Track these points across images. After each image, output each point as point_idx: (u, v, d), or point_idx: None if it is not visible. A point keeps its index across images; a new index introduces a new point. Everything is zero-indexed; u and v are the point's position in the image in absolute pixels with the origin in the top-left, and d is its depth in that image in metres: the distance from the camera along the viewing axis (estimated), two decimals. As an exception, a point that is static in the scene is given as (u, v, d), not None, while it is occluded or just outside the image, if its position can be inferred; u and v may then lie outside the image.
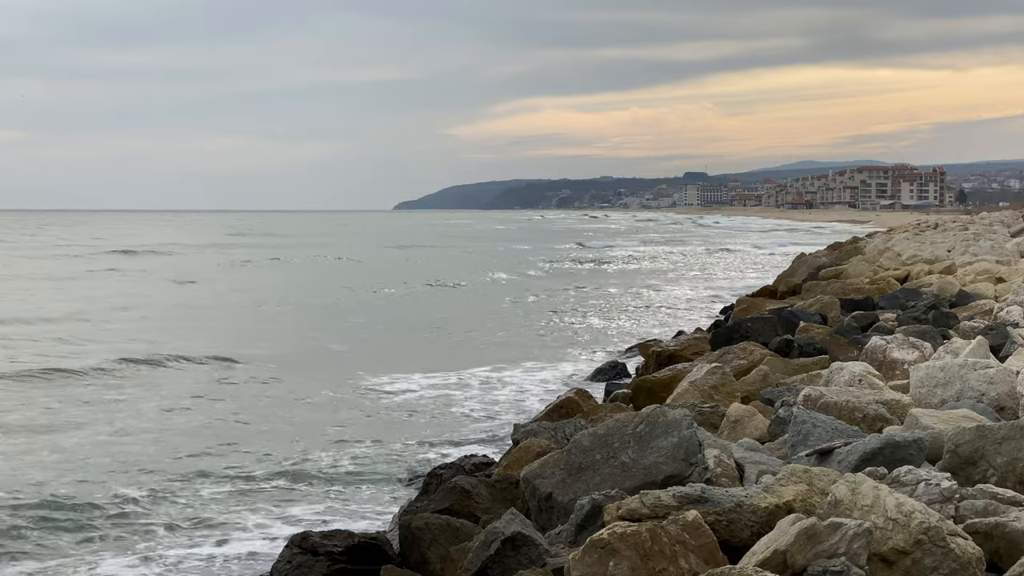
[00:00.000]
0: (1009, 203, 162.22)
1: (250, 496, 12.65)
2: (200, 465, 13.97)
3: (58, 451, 14.69)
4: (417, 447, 15.09)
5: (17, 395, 18.74)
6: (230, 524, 11.53)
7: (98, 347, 24.65)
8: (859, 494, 6.08)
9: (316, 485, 13.15)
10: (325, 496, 12.67)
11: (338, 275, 53.16)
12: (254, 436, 15.76)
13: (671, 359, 16.99)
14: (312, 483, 13.23)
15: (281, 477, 13.45)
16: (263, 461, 14.22)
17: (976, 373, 9.39)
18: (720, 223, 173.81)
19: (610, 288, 44.53)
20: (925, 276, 24.23)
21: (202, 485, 13.07)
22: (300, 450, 14.85)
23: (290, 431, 16.07)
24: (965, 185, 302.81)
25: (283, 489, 12.96)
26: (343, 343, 26.44)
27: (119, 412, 17.43)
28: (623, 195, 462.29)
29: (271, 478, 13.41)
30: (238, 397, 18.92)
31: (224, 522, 11.61)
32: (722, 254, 74.18)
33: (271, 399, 18.77)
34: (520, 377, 21.05)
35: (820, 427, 8.22)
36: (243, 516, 11.83)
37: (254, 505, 12.28)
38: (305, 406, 18.17)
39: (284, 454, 14.61)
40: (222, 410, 17.74)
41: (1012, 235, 39.44)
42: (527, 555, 7.04)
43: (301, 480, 13.35)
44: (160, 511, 11.99)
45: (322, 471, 13.75)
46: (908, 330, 14.30)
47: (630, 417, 8.19)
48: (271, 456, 14.50)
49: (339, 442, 15.32)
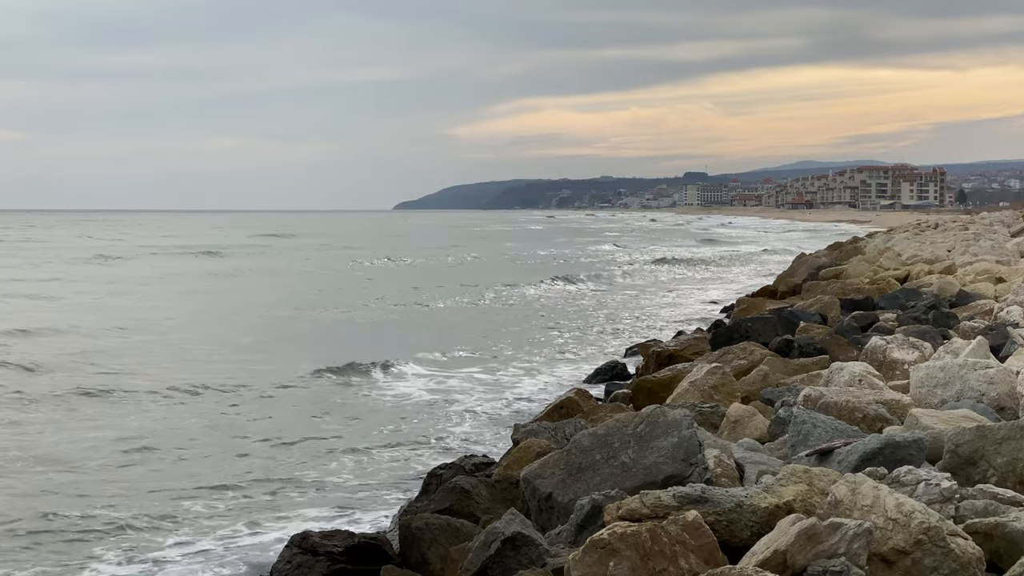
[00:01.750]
0: (1009, 203, 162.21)
1: (250, 496, 12.65)
2: (200, 465, 13.97)
3: (58, 449, 14.70)
4: (417, 447, 15.09)
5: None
6: (230, 524, 11.53)
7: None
8: (859, 494, 6.08)
9: (316, 485, 13.14)
10: (325, 496, 12.66)
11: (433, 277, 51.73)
12: (254, 435, 15.75)
13: (671, 359, 16.99)
14: (312, 483, 13.22)
15: (281, 477, 13.45)
16: (263, 460, 14.22)
17: (976, 373, 9.39)
18: (733, 222, 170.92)
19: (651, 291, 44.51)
20: (925, 276, 24.24)
21: (202, 485, 13.07)
22: (300, 450, 14.85)
23: (290, 431, 16.06)
24: (965, 185, 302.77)
25: (283, 489, 12.95)
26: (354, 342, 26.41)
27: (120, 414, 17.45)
28: (623, 195, 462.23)
29: (271, 478, 13.41)
30: (239, 397, 18.90)
31: (224, 522, 11.60)
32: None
33: (272, 399, 18.75)
34: (520, 377, 21.05)
35: (820, 427, 8.22)
36: (243, 516, 11.83)
37: (254, 505, 12.28)
38: (305, 406, 18.16)
39: (283, 454, 14.62)
40: (222, 410, 17.73)
41: (1012, 235, 39.45)
42: (527, 555, 7.04)
43: (301, 480, 13.34)
44: (160, 510, 11.98)
45: (322, 471, 13.75)
46: (908, 330, 14.31)
47: (630, 417, 8.19)
48: (271, 456, 14.50)
49: (339, 442, 15.32)
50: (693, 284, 47.38)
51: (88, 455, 14.44)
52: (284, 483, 13.20)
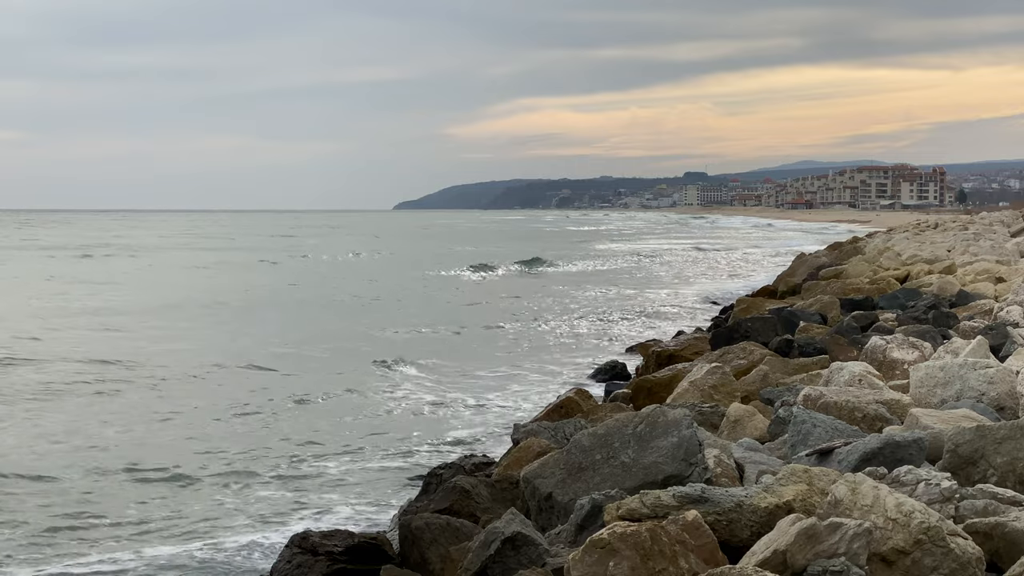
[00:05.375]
0: (1009, 203, 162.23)
1: (250, 495, 12.65)
2: (200, 464, 13.97)
3: (59, 448, 14.71)
4: (417, 447, 15.09)
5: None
6: (230, 523, 11.53)
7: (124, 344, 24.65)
8: (859, 494, 6.08)
9: (316, 485, 13.14)
10: (325, 496, 12.66)
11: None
12: (253, 435, 15.76)
13: (671, 359, 16.99)
14: (312, 483, 13.22)
15: (281, 476, 13.46)
16: (263, 460, 14.22)
17: (976, 373, 9.39)
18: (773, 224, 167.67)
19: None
20: (925, 276, 24.24)
21: (201, 484, 13.08)
22: (300, 449, 14.85)
23: (290, 430, 16.07)
24: (965, 185, 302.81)
25: (283, 488, 12.95)
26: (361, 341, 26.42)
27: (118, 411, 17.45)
28: (623, 195, 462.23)
29: (271, 477, 13.42)
30: (238, 397, 18.90)
31: (224, 522, 11.60)
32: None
33: (272, 399, 18.74)
34: (520, 377, 21.05)
35: (820, 427, 8.22)
36: (243, 515, 11.83)
37: (254, 504, 12.28)
38: (305, 405, 18.16)
39: (283, 453, 14.61)
40: (222, 410, 17.72)
41: (1012, 235, 39.46)
42: (527, 555, 7.04)
43: (301, 479, 13.35)
44: (159, 510, 11.99)
45: (322, 471, 13.75)
46: (908, 330, 14.30)
47: (630, 417, 8.19)
48: (271, 455, 14.50)
49: (339, 441, 15.32)
50: (693, 284, 47.36)
51: (87, 452, 14.46)
52: (284, 482, 13.20)
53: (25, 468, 13.71)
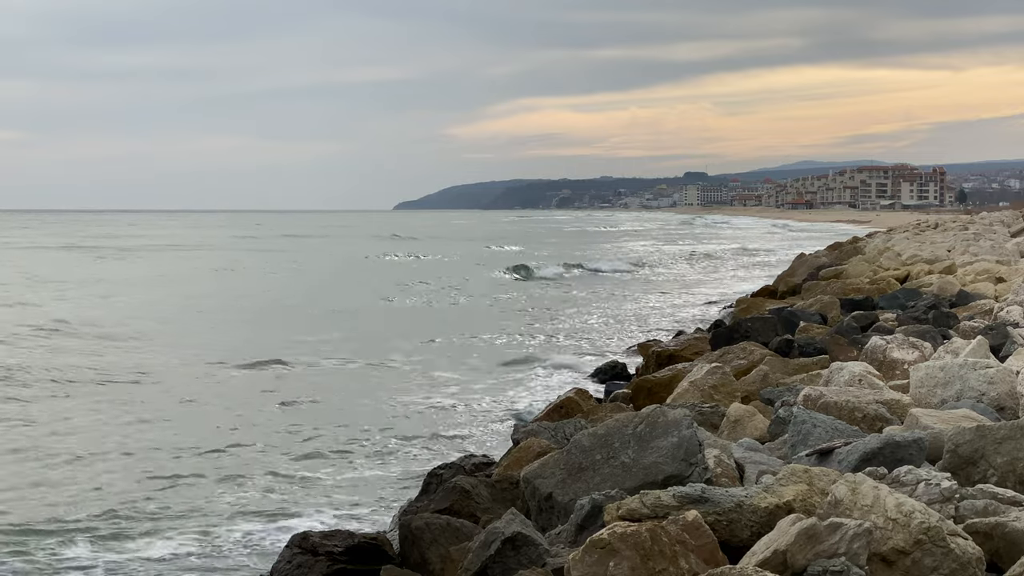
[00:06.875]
0: (1009, 203, 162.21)
1: (250, 495, 12.65)
2: (199, 464, 13.97)
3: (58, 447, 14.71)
4: (417, 447, 15.09)
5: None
6: (230, 523, 11.53)
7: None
8: (859, 494, 6.08)
9: (316, 485, 13.15)
10: (325, 496, 12.67)
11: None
12: (253, 434, 15.76)
13: (671, 359, 16.99)
14: (312, 483, 13.23)
15: (281, 476, 13.46)
16: (263, 460, 14.22)
17: (976, 373, 9.39)
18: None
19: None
20: (925, 276, 24.24)
21: (201, 484, 13.08)
22: (300, 449, 14.85)
23: (290, 430, 16.07)
24: (965, 185, 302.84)
25: (283, 488, 12.95)
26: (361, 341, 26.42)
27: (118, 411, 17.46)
28: (623, 195, 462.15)
29: (271, 477, 13.42)
30: (239, 397, 18.91)
31: (224, 521, 11.60)
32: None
33: (273, 399, 18.76)
34: (520, 377, 21.05)
35: (820, 427, 8.22)
36: (243, 515, 11.83)
37: (254, 504, 12.28)
38: (305, 405, 18.17)
39: (283, 453, 14.62)
40: (222, 410, 17.73)
41: (1012, 235, 39.46)
42: (527, 555, 7.03)
43: (301, 480, 13.35)
44: (159, 510, 11.99)
45: (322, 471, 13.76)
46: (908, 330, 14.29)
47: (630, 417, 8.19)
48: (271, 455, 14.50)
49: (339, 441, 15.33)
50: (693, 283, 47.37)
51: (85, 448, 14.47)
52: (284, 482, 13.20)
53: (24, 466, 13.71)
